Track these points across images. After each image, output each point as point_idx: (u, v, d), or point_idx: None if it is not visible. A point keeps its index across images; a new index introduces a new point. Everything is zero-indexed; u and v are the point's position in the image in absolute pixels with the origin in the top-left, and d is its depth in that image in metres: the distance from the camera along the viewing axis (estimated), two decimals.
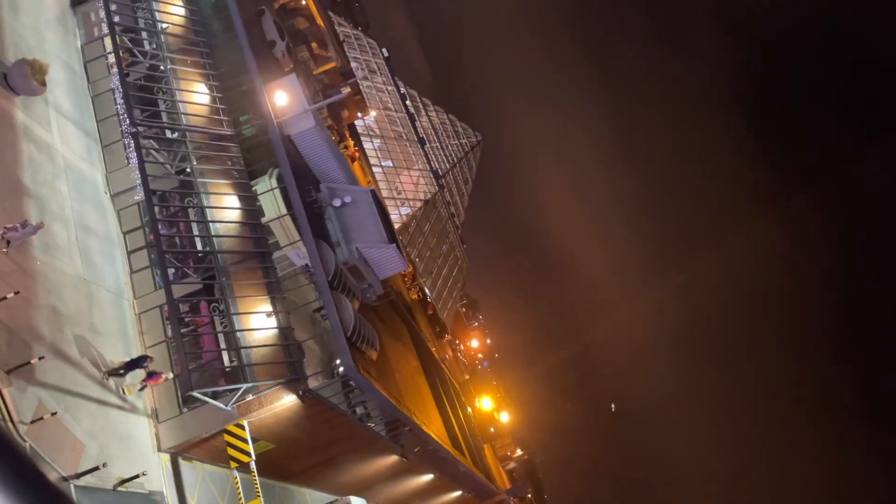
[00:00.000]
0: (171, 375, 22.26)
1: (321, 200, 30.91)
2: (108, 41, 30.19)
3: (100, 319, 22.94)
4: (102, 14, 30.80)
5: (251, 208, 26.60)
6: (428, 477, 46.41)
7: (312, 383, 24.22)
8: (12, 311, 18.73)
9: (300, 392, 23.77)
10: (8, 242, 19.04)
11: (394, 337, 41.59)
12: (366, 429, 30.31)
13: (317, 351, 26.18)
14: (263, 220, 26.66)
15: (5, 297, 18.22)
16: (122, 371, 21.49)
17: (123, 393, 21.82)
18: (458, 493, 59.41)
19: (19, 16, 26.11)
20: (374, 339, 29.23)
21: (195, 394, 21.60)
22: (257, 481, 23.22)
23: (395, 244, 33.65)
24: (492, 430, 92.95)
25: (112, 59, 29.66)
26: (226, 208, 26.01)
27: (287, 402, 23.99)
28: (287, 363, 23.80)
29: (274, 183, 28.19)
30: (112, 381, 21.39)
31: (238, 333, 23.41)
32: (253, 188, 27.16)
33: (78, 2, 31.44)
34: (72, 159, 25.64)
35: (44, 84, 24.20)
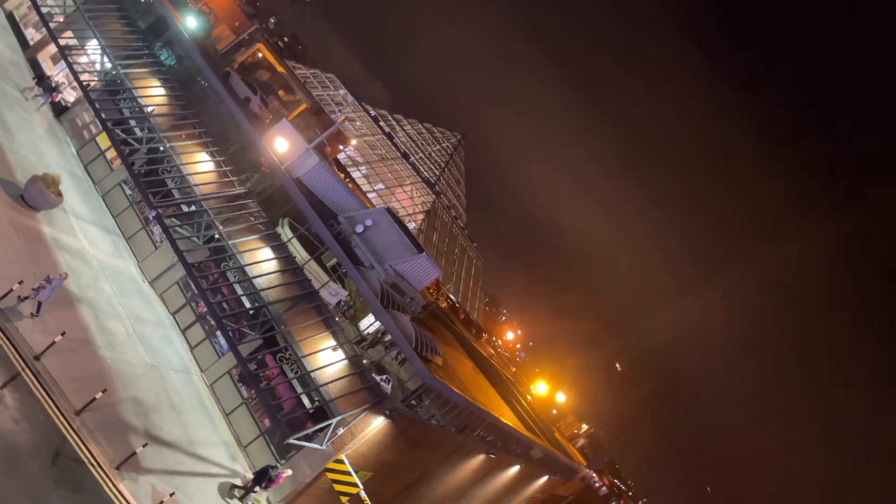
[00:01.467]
0: (289, 472, 22.44)
1: (344, 231, 31.40)
2: (100, 140, 30.89)
3: (178, 399, 23.40)
4: (88, 118, 31.59)
5: (286, 255, 27.08)
6: (514, 469, 46.66)
7: (395, 402, 24.59)
8: (102, 410, 19.21)
9: (387, 412, 24.14)
10: (39, 304, 19.73)
11: (444, 343, 41.91)
12: (451, 434, 30.63)
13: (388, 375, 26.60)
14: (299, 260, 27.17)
15: (94, 399, 18.67)
16: (254, 488, 21.78)
17: None
18: (545, 479, 59.56)
19: (14, 137, 26.73)
20: (435, 346, 29.65)
21: (292, 441, 22.00)
22: None
23: (423, 252, 34.14)
24: (554, 412, 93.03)
25: (110, 154, 30.35)
26: (262, 262, 26.47)
27: (377, 425, 24.38)
28: (366, 388, 24.19)
29: (288, 232, 28.76)
30: (247, 499, 21.79)
31: (312, 374, 23.85)
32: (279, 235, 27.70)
33: (60, 111, 32.10)
34: (104, 259, 26.18)
35: (59, 194, 24.78)
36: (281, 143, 29.34)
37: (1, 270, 19.89)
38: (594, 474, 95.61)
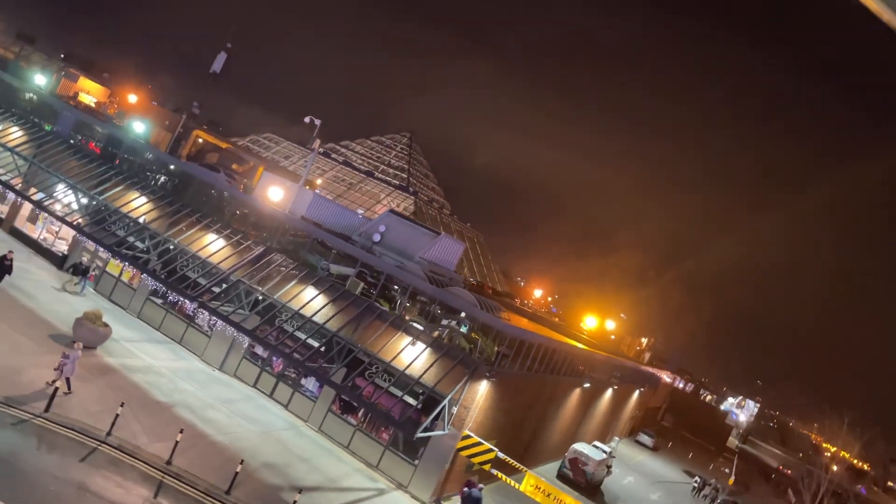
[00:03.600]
0: None
1: (364, 247, 32.19)
2: (110, 269, 31.52)
3: (300, 451, 24.13)
4: (87, 256, 32.18)
5: (329, 284, 27.81)
6: (608, 394, 47.61)
7: (488, 365, 25.41)
8: (246, 483, 19.92)
9: (486, 374, 24.94)
10: (68, 381, 20.54)
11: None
12: (543, 376, 31.51)
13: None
14: (339, 272, 27.91)
15: (237, 473, 19.38)
16: None
17: None
18: (636, 395, 60.57)
19: (38, 298, 27.36)
20: (497, 306, 30.48)
21: (419, 435, 22.77)
22: (515, 466, 24.33)
23: (441, 233, 34.95)
24: (612, 337, 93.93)
25: (126, 276, 30.96)
26: (310, 301, 27.17)
27: (482, 391, 25.18)
28: (459, 363, 24.98)
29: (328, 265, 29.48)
30: None
31: (404, 373, 24.61)
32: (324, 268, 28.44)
33: (61, 262, 32.69)
34: (170, 365, 26.84)
35: (107, 325, 25.45)
36: (275, 192, 30.05)
37: (94, 407, 20.53)
38: (675, 376, 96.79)
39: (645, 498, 42.29)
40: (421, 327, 26.38)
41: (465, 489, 23.83)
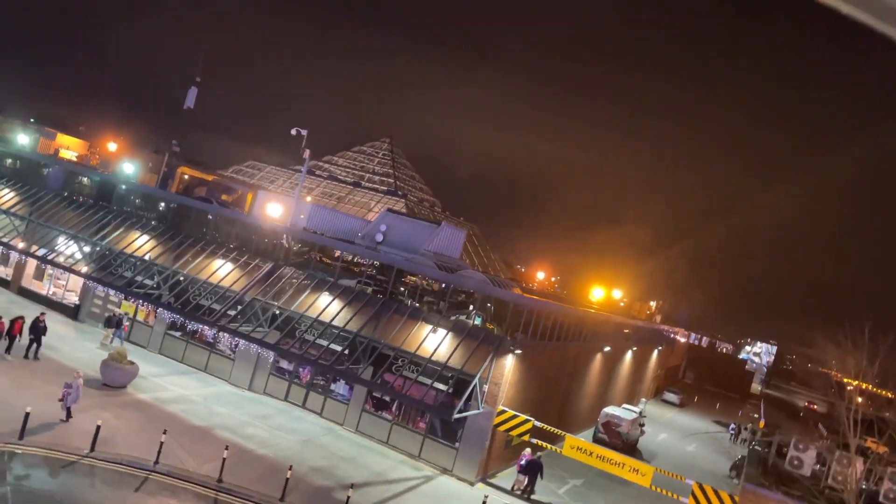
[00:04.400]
0: None
1: (368, 248, 32.59)
2: (124, 309, 31.81)
3: (343, 452, 24.50)
4: (99, 301, 32.47)
5: (341, 289, 28.19)
6: (628, 356, 48.11)
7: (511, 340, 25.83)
8: (298, 489, 20.29)
9: (510, 349, 25.35)
10: (68, 409, 20.81)
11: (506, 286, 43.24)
12: (564, 345, 31.94)
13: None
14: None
15: (287, 479, 19.74)
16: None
17: None
18: (655, 355, 61.10)
19: (60, 349, 27.65)
20: (509, 283, 30.87)
21: (457, 416, 23.18)
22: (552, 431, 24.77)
23: (442, 222, 35.36)
24: (621, 304, 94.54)
25: (141, 315, 31.25)
26: (327, 307, 27.52)
27: (509, 365, 25.58)
28: (482, 342, 25.39)
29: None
30: None
31: (431, 360, 25.00)
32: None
33: (75, 313, 32.96)
34: (201, 392, 27.17)
35: (133, 363, 25.77)
36: (273, 209, 30.41)
37: (136, 440, 20.85)
38: (688, 332, 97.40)
39: (682, 451, 42.73)
40: (439, 314, 26.76)
41: (525, 459, 24.85)
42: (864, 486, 22.27)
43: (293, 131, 30.35)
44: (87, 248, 32.07)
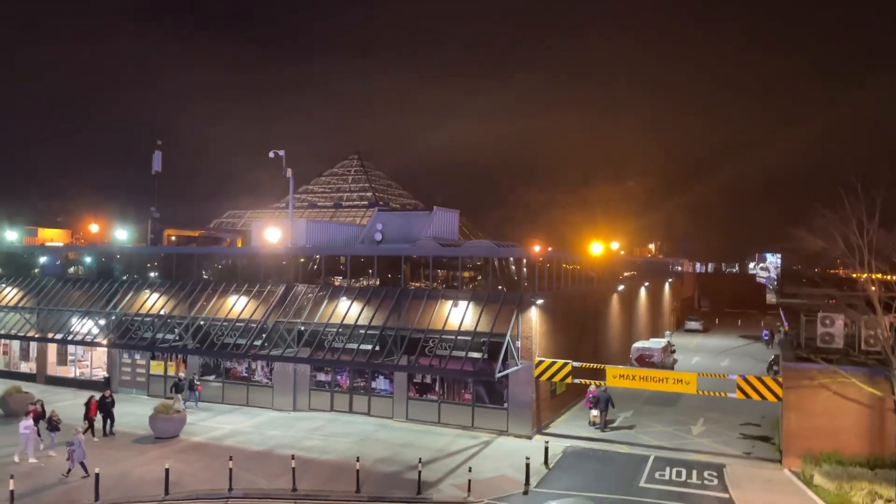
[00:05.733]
0: None
1: (373, 243, 33.26)
2: (154, 369, 32.30)
3: (400, 441, 25.15)
4: (127, 369, 32.94)
5: (358, 287, 28.80)
6: (643, 293, 48.97)
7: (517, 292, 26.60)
8: (370, 479, 20.93)
9: (531, 301, 26.06)
10: (83, 464, 21.14)
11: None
12: (579, 289, 32.72)
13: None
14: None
15: (357, 471, 20.35)
16: None
17: None
18: (667, 287, 62.04)
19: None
20: (514, 245, 31.63)
21: (499, 375, 23.92)
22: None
23: (434, 207, 36.07)
24: (622, 253, 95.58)
25: (171, 370, 31.74)
26: (347, 311, 28.15)
27: (535, 317, 26.33)
28: (502, 302, 26.11)
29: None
30: None
31: (460, 332, 25.70)
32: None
33: (105, 385, 33.45)
34: (248, 422, 27.73)
35: (180, 411, 26.33)
36: (271, 233, 31.01)
37: (204, 475, 21.41)
38: (692, 262, 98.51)
39: (717, 367, 43.55)
40: (455, 289, 27.46)
41: (591, 394, 26.74)
42: None
43: (271, 154, 30.96)
44: (102, 321, 32.54)
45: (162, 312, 31.37)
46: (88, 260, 36.78)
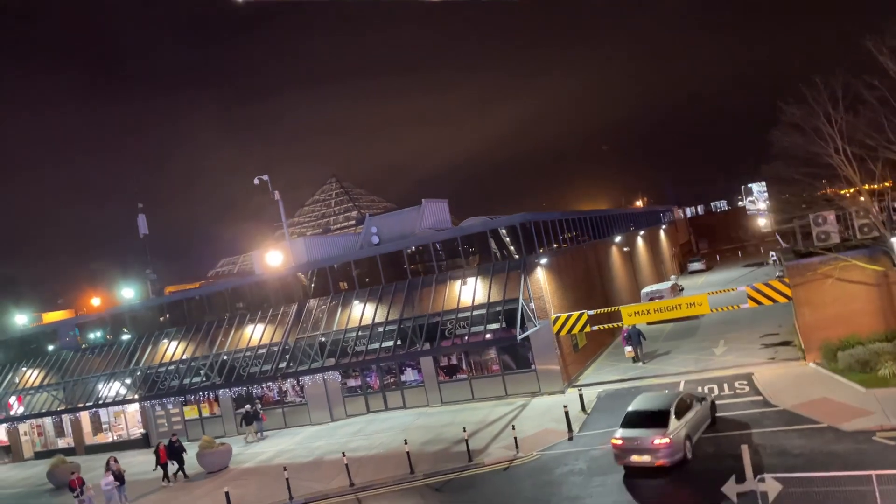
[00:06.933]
0: None
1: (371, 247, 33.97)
2: (187, 413, 32.85)
3: (441, 423, 25.81)
4: (163, 422, 33.48)
5: (367, 295, 29.47)
6: (640, 242, 49.81)
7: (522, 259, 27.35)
8: (421, 461, 21.58)
9: (536, 262, 26.81)
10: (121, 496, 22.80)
11: None
12: (579, 246, 33.47)
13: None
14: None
15: (408, 453, 20.99)
16: None
17: None
18: (662, 233, 62.91)
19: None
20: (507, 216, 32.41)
21: (520, 336, 24.61)
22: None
23: (422, 201, 36.82)
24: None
25: (205, 411, 32.30)
26: (363, 315, 28.81)
27: (541, 278, 27.05)
28: (508, 270, 26.83)
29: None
30: None
31: (472, 310, 26.41)
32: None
33: (145, 443, 33.96)
34: (292, 441, 28.31)
35: (223, 444, 26.91)
36: (273, 257, 31.66)
37: (264, 493, 21.99)
38: (683, 208, 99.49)
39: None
40: (460, 268, 28.18)
41: (625, 332, 28.53)
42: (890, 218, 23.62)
43: (255, 180, 31.65)
44: (128, 380, 33.08)
45: (184, 357, 31.94)
46: (101, 326, 37.31)
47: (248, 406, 30.35)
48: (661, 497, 15.71)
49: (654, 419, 16.74)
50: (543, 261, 27.05)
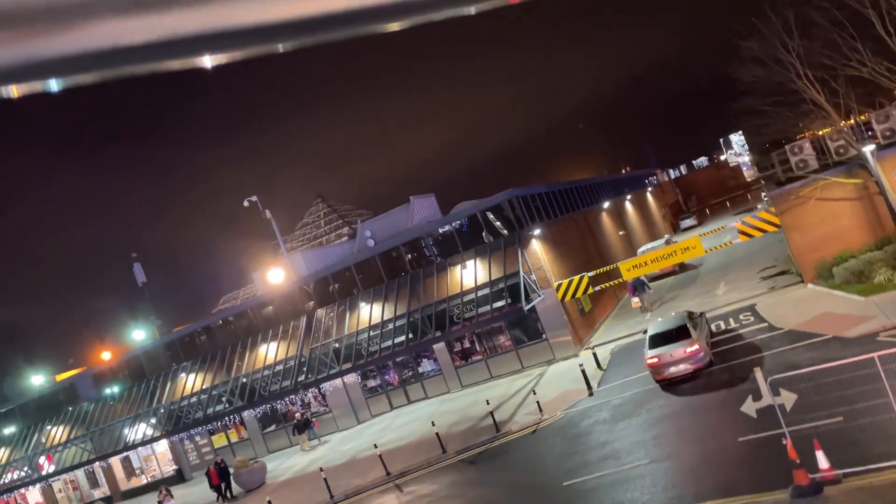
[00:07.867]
0: None
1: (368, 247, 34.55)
2: (214, 442, 33.27)
3: (464, 405, 26.35)
4: (192, 453, 33.87)
5: (375, 296, 30.04)
6: (629, 205, 50.51)
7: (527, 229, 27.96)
8: (451, 441, 22.09)
9: (529, 234, 27.42)
10: None
11: None
12: (571, 216, 34.12)
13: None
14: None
15: (437, 433, 21.53)
16: None
17: None
18: (650, 196, 63.68)
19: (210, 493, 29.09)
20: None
21: (527, 307, 25.19)
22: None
23: (410, 198, 37.42)
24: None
25: (233, 436, 32.74)
26: (373, 314, 29.36)
27: (537, 248, 27.68)
28: (505, 249, 27.43)
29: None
30: None
31: (476, 291, 26.99)
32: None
33: (179, 480, 34.38)
34: (323, 450, 28.81)
35: (257, 461, 27.41)
36: (274, 274, 32.20)
37: (301, 497, 22.53)
38: (665, 170, 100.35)
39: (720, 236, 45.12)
40: (457, 253, 28.79)
41: (631, 287, 29.57)
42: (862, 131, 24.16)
43: (245, 203, 32.18)
44: (153, 420, 33.51)
45: (204, 387, 32.40)
46: (117, 372, 37.73)
47: (297, 415, 30.64)
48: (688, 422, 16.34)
49: (678, 333, 18.90)
50: (537, 232, 27.67)
